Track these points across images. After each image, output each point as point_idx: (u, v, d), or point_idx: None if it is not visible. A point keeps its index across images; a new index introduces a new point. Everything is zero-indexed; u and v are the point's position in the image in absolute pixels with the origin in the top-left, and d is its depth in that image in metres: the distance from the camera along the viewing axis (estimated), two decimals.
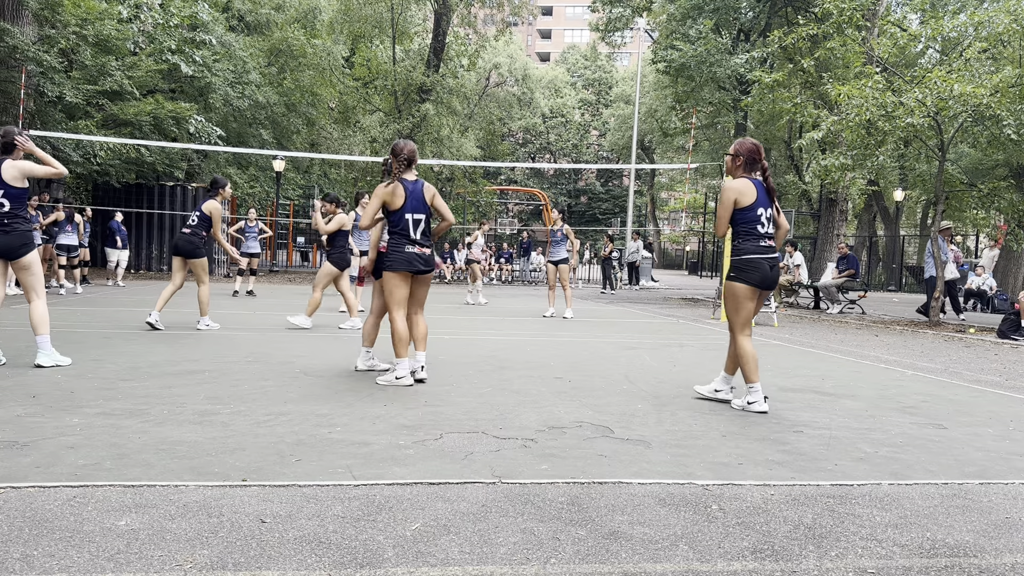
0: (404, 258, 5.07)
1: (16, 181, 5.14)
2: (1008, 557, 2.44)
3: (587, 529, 2.54)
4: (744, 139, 4.77)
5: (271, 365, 5.71)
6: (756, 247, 4.58)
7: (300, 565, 2.18)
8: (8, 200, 5.13)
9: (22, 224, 5.22)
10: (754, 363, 4.60)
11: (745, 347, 4.62)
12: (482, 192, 27.62)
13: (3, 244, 5.15)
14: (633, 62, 57.32)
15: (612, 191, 63.63)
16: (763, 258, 4.58)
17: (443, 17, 22.52)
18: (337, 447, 3.43)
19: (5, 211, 5.14)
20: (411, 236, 5.11)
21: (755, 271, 4.57)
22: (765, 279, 4.58)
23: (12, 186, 5.13)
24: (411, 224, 5.10)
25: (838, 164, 12.67)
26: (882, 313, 14.67)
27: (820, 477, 3.25)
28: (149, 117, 16.81)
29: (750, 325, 4.69)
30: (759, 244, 4.58)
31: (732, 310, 4.68)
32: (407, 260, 5.07)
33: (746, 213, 4.59)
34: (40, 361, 5.20)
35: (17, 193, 5.16)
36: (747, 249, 4.59)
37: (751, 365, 4.59)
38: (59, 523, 2.42)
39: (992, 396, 5.55)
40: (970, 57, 11.56)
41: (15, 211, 5.18)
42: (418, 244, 5.12)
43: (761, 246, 4.59)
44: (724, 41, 20.40)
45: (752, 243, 4.59)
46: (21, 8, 14.64)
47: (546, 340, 8.10)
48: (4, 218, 5.14)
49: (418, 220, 5.13)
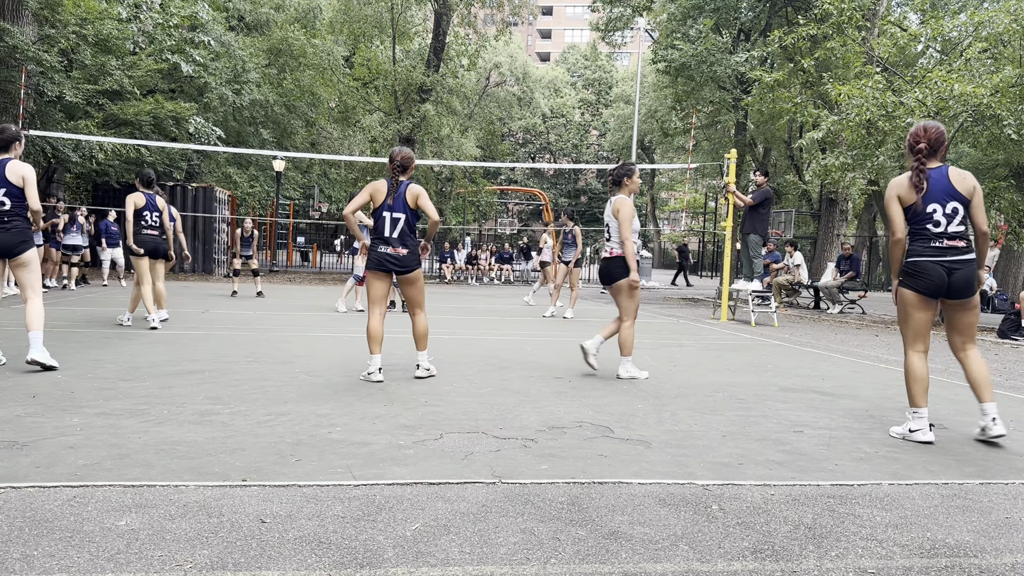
0: (376, 258, 5.23)
1: (18, 180, 5.18)
2: (1008, 557, 2.44)
3: (587, 529, 2.54)
4: (921, 125, 4.12)
5: (271, 365, 5.71)
6: (925, 248, 3.99)
7: (300, 565, 2.18)
8: (9, 199, 5.18)
9: (21, 222, 5.25)
10: (922, 386, 4.04)
11: (912, 364, 4.09)
12: (482, 192, 27.61)
13: (2, 242, 5.18)
14: (633, 62, 57.31)
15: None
16: (933, 261, 3.96)
17: (443, 17, 22.51)
18: (337, 447, 3.43)
19: (6, 209, 5.18)
20: (384, 235, 5.20)
21: (922, 276, 3.99)
22: (935, 286, 3.97)
23: (14, 185, 5.17)
24: (387, 223, 5.21)
25: (838, 164, 12.68)
26: (882, 313, 14.67)
27: (820, 477, 3.25)
28: (149, 117, 16.80)
29: (923, 340, 4.11)
30: (929, 245, 3.97)
31: (899, 319, 4.19)
32: (378, 260, 5.23)
33: (913, 209, 4.05)
34: (33, 355, 5.15)
35: (18, 192, 5.19)
36: (914, 251, 4.03)
37: (918, 387, 4.04)
38: (59, 523, 2.42)
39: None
40: (970, 57, 11.56)
41: (15, 210, 5.21)
42: (391, 244, 5.21)
43: (932, 247, 3.97)
44: (724, 41, 20.40)
45: (920, 244, 4.01)
46: (21, 8, 14.63)
47: (546, 340, 8.10)
48: (4, 216, 5.18)
49: (396, 219, 5.21)
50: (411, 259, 5.25)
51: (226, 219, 20.97)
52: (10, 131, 5.27)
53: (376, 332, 5.21)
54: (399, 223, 5.19)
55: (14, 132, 5.29)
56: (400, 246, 5.22)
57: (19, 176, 5.18)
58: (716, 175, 35.19)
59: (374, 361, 5.19)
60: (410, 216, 5.23)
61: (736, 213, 12.59)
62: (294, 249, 29.43)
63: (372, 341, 5.20)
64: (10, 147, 5.26)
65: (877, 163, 12.72)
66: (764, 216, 10.85)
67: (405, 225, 5.23)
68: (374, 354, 5.22)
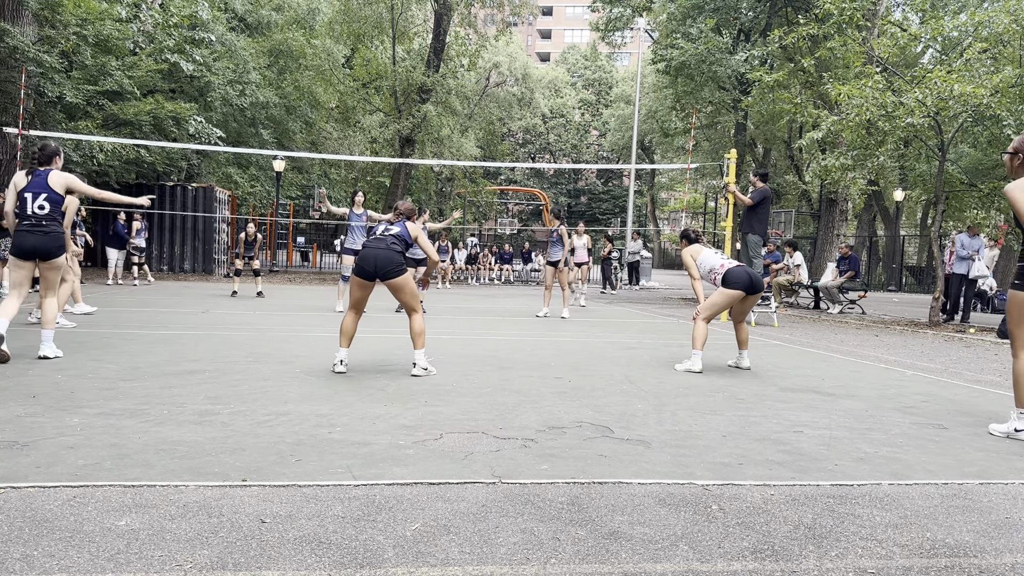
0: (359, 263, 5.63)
1: (60, 189, 5.69)
2: (1008, 557, 2.44)
3: (587, 529, 2.54)
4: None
5: (271, 365, 5.71)
6: None
7: (300, 565, 2.18)
8: (49, 204, 5.64)
9: (59, 227, 5.72)
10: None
11: (1022, 366, 4.04)
12: (482, 192, 27.61)
13: (41, 245, 5.60)
14: (633, 62, 57.32)
15: (612, 191, 63.64)
16: None
17: (443, 17, 22.51)
18: (337, 447, 3.43)
19: (45, 213, 5.62)
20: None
21: None
22: None
23: (56, 193, 5.67)
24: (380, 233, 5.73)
25: (838, 164, 12.67)
26: (882, 313, 14.67)
27: (820, 477, 3.25)
28: (149, 117, 16.80)
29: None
30: None
31: (1013, 323, 4.11)
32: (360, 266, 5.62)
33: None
34: (44, 352, 5.54)
35: (58, 199, 5.69)
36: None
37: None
38: (59, 523, 2.42)
39: (992, 396, 5.55)
40: (970, 57, 11.56)
41: (53, 215, 5.66)
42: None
43: None
44: (724, 41, 20.39)
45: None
46: (21, 8, 14.63)
47: (546, 340, 8.10)
48: (44, 220, 5.62)
49: (392, 234, 5.64)
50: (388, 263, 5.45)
51: (226, 219, 20.96)
52: (51, 147, 5.83)
53: (347, 329, 5.48)
54: (391, 238, 5.52)
55: (54, 148, 5.85)
56: None
57: (62, 184, 5.68)
58: (716, 175, 35.18)
59: (340, 353, 5.48)
60: (407, 239, 5.56)
61: (736, 213, 12.59)
62: (294, 249, 29.43)
63: (343, 335, 5.48)
64: (52, 160, 5.80)
65: (877, 163, 12.72)
66: (763, 216, 10.87)
67: (399, 242, 5.53)
68: (341, 347, 5.48)
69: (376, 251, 5.35)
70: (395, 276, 5.34)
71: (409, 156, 22.30)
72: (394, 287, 5.40)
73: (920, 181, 15.83)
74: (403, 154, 22.23)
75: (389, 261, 5.33)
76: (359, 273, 5.37)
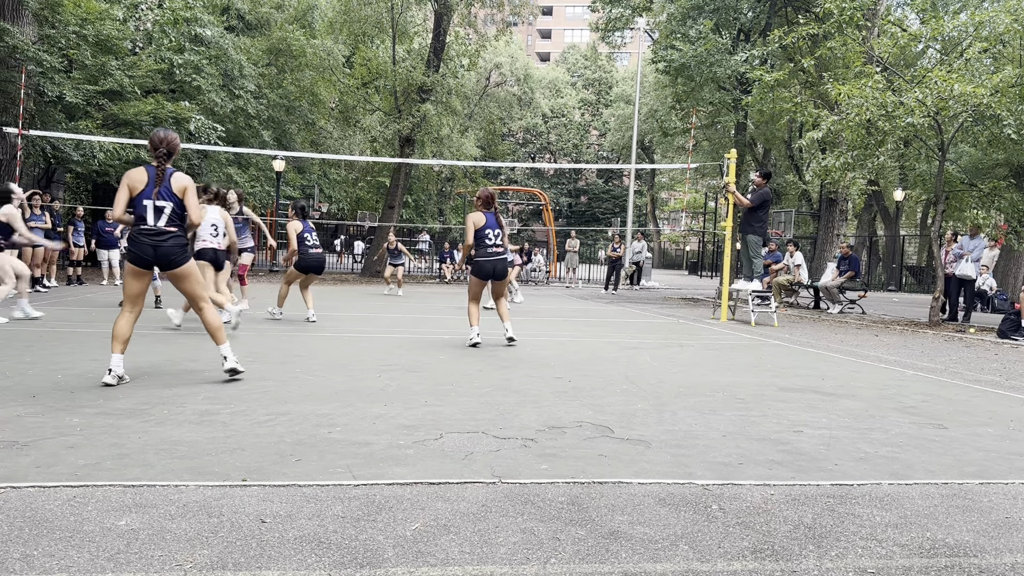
0: None
1: (180, 192, 4.93)
2: (1008, 557, 2.44)
3: (587, 529, 2.54)
4: None
5: (271, 365, 5.71)
6: None
7: (300, 565, 2.18)
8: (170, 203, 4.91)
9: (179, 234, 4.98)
10: None
11: None
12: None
13: (162, 255, 4.87)
14: (633, 62, 57.31)
15: (612, 191, 63.65)
16: None
17: (443, 17, 22.50)
18: (337, 447, 3.43)
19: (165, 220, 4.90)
20: None
21: None
22: None
23: (177, 196, 4.92)
24: None
25: (838, 164, 12.66)
26: (882, 313, 14.66)
27: (820, 477, 3.25)
28: (149, 117, 16.79)
29: None
30: None
31: None
32: None
33: None
34: (231, 366, 4.97)
35: (179, 202, 4.93)
36: None
37: None
38: (59, 523, 2.42)
39: (992, 396, 5.55)
40: (970, 57, 11.56)
41: (174, 221, 4.93)
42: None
43: None
44: (724, 41, 20.37)
45: None
46: (21, 8, 14.63)
47: (546, 340, 8.10)
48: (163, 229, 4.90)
49: None
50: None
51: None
52: (176, 140, 5.00)
53: None
54: None
55: (177, 140, 5.02)
56: None
57: (181, 188, 4.94)
58: (716, 175, 35.18)
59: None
60: None
61: (736, 213, 12.59)
62: None
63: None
64: (173, 156, 5.00)
65: (877, 163, 12.72)
66: (763, 217, 10.88)
67: None
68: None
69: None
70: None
71: (409, 156, 22.29)
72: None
73: (920, 181, 15.82)
74: (403, 154, 22.23)
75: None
76: None
